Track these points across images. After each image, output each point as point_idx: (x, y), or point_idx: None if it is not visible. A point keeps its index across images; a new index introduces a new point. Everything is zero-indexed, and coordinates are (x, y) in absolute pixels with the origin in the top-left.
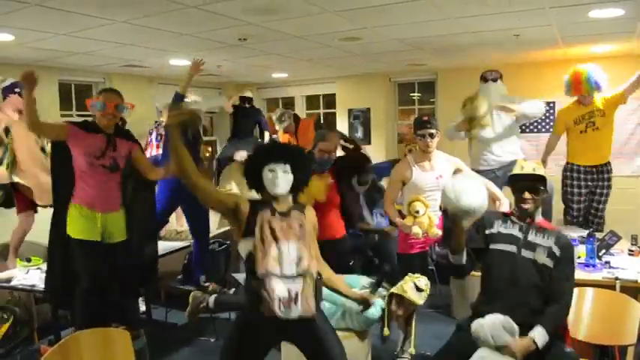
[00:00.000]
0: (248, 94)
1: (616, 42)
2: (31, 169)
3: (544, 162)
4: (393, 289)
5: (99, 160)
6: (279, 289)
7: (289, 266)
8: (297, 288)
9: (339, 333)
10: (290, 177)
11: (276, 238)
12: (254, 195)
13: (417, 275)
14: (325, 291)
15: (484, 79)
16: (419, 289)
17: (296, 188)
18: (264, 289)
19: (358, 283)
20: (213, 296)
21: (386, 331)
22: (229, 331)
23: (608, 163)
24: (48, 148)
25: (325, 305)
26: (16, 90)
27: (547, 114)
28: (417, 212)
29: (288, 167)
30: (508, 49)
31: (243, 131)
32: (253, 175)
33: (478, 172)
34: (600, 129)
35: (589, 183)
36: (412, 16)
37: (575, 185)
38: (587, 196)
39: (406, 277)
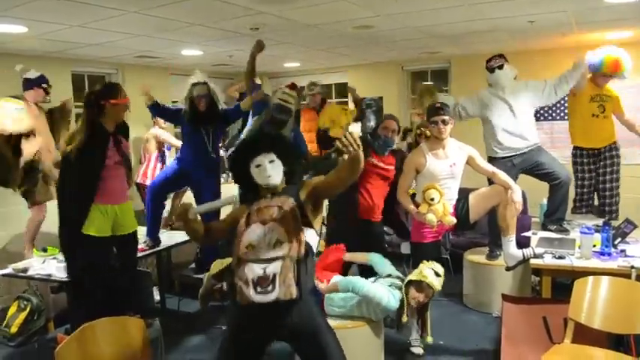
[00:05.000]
0: (257, 81)
1: (632, 28)
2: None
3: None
4: (412, 277)
5: (112, 158)
6: (252, 272)
7: (264, 250)
8: (275, 269)
9: (352, 322)
10: (278, 164)
11: (248, 223)
12: None
13: (430, 262)
14: (345, 278)
15: (490, 69)
16: (437, 274)
17: (290, 175)
18: (237, 276)
19: (385, 267)
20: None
21: (404, 318)
22: (224, 332)
23: (614, 143)
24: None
25: (339, 295)
26: (43, 85)
27: (561, 101)
28: (432, 199)
29: (272, 155)
30: (522, 35)
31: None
32: (241, 176)
33: (493, 159)
34: (608, 117)
35: (592, 167)
36: (425, 2)
37: (579, 170)
38: (594, 179)
39: (421, 265)
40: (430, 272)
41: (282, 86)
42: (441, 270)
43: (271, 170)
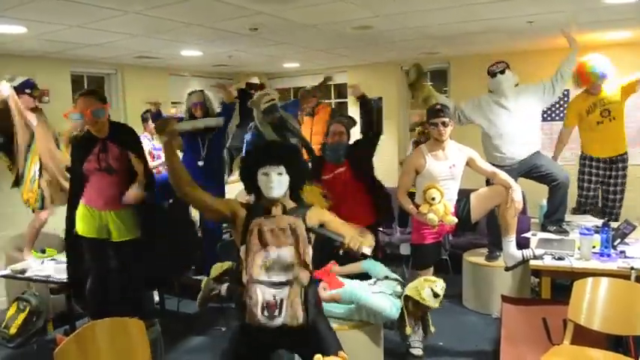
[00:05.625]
0: (254, 80)
1: (630, 29)
2: (53, 172)
3: (555, 158)
4: (410, 293)
5: (92, 163)
6: (263, 295)
7: (277, 273)
8: (283, 294)
9: (352, 323)
10: (285, 179)
11: (264, 244)
12: None
13: (433, 278)
14: (346, 289)
15: (491, 73)
16: (436, 295)
17: (294, 189)
18: (248, 295)
19: (380, 270)
20: (226, 284)
21: (408, 330)
22: (229, 338)
23: (625, 153)
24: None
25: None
26: (27, 90)
27: (561, 102)
28: (433, 199)
29: (282, 169)
30: (521, 36)
31: (250, 119)
32: (248, 178)
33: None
34: (617, 118)
35: (601, 172)
36: (424, 3)
37: (587, 172)
38: (600, 185)
39: (422, 280)
40: (428, 293)
41: (257, 94)
42: (440, 289)
43: (276, 183)
